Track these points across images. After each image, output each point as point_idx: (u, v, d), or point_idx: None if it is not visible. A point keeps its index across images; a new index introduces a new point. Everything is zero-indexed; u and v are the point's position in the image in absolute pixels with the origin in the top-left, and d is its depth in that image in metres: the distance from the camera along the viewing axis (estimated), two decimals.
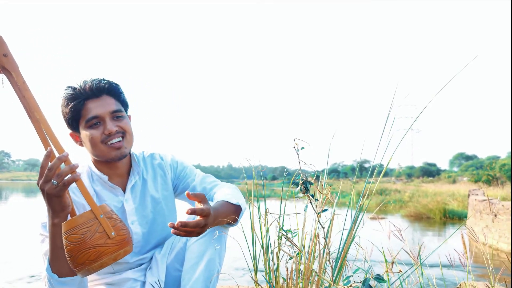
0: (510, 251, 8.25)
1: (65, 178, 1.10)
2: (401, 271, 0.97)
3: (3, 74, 1.17)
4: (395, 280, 1.27)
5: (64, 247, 1.12)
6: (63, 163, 1.11)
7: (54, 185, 1.09)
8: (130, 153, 1.47)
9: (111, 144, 1.35)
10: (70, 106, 1.34)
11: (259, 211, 1.31)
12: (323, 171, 1.33)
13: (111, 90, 1.39)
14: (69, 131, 1.42)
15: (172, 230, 1.15)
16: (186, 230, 1.15)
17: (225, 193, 1.45)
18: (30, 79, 1.19)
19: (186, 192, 1.17)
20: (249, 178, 1.45)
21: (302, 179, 1.08)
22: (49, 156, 1.12)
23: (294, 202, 1.34)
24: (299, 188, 1.10)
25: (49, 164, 1.10)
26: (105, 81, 1.39)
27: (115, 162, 1.42)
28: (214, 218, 1.25)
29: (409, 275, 1.31)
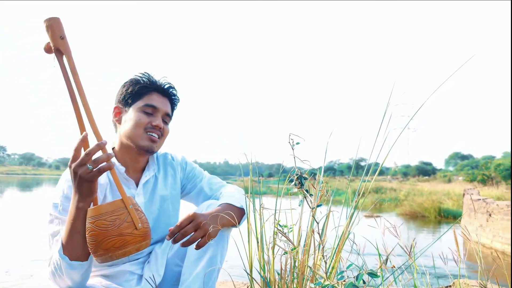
0: (503, 250, 8.31)
1: (101, 165, 1.12)
2: (394, 267, 0.98)
3: (52, 55, 1.19)
4: (389, 276, 1.29)
5: (89, 231, 1.15)
6: (100, 150, 1.14)
7: (89, 169, 1.11)
8: None
9: (150, 135, 1.42)
10: (138, 86, 1.44)
11: (254, 207, 1.32)
12: (319, 168, 1.34)
13: (174, 99, 1.53)
14: (115, 106, 1.49)
15: (172, 241, 1.25)
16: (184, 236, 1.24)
17: (229, 195, 1.50)
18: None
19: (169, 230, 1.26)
20: (246, 175, 1.46)
21: (297, 174, 1.08)
22: (83, 140, 1.15)
23: (289, 199, 1.35)
24: (293, 183, 1.10)
25: (88, 148, 1.13)
26: (173, 87, 1.52)
27: (138, 156, 1.46)
28: (211, 218, 1.30)
29: (402, 271, 1.32)
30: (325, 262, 1.05)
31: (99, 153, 1.15)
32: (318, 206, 1.08)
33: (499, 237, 8.76)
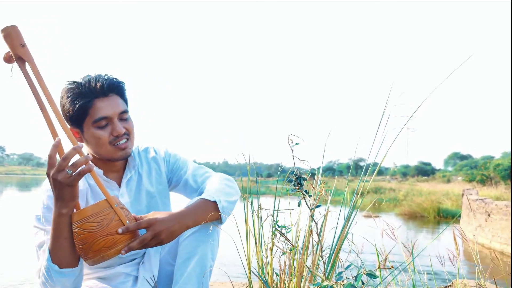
0: (502, 250, 8.31)
1: (80, 168, 1.11)
2: (392, 267, 0.98)
3: (13, 64, 1.18)
4: (387, 276, 1.29)
5: (76, 235, 1.15)
6: (77, 153, 1.13)
7: (68, 174, 1.10)
8: None
9: (118, 145, 1.35)
10: (77, 104, 1.30)
11: (252, 207, 1.31)
12: (318, 168, 1.34)
13: (119, 89, 1.37)
14: (69, 126, 1.38)
15: (126, 248, 1.18)
16: (143, 244, 1.20)
17: (208, 188, 1.42)
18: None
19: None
20: (244, 175, 1.45)
21: (295, 175, 1.08)
22: (57, 146, 1.13)
23: (288, 199, 1.35)
24: (292, 183, 1.10)
25: (64, 153, 1.11)
26: (113, 79, 1.35)
27: (114, 162, 1.41)
28: (179, 220, 1.25)
29: (400, 271, 1.32)
30: (324, 263, 1.05)
31: (76, 157, 1.14)
32: (317, 206, 1.08)
33: (498, 237, 8.78)
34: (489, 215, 9.33)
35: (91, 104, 1.31)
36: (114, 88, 1.35)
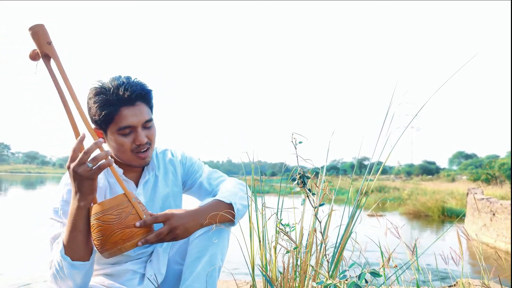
0: (507, 250, 8.28)
1: (100, 162, 1.15)
2: (396, 266, 0.98)
3: (38, 61, 1.21)
4: (391, 275, 1.28)
5: (94, 227, 1.18)
6: (97, 148, 1.17)
7: (88, 167, 1.13)
8: None
9: (138, 154, 1.37)
10: (103, 112, 1.30)
11: (256, 206, 1.32)
12: (322, 167, 1.34)
13: (146, 97, 1.37)
14: (94, 126, 1.38)
15: (143, 241, 1.21)
16: (159, 238, 1.23)
17: (223, 190, 1.46)
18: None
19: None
20: (248, 173, 1.46)
21: (299, 173, 1.08)
22: (82, 141, 1.17)
23: (292, 198, 1.35)
24: (296, 182, 1.10)
25: (85, 148, 1.14)
26: (141, 87, 1.35)
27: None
28: (195, 218, 1.29)
29: (404, 270, 1.32)
30: (328, 261, 1.05)
31: (96, 152, 1.18)
32: (320, 205, 1.08)
33: (503, 237, 8.73)
34: (494, 214, 9.29)
35: (117, 112, 1.31)
36: (141, 96, 1.34)
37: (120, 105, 1.31)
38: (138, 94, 1.33)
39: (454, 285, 2.14)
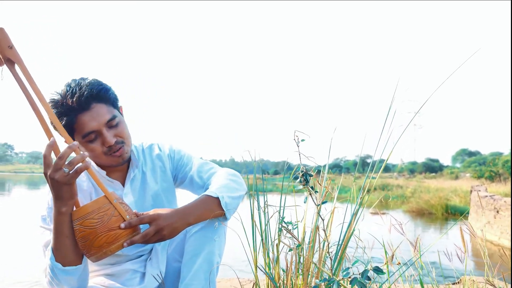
0: (510, 247, 8.25)
1: (77, 166, 1.11)
2: (399, 263, 0.97)
3: (2, 66, 1.18)
4: (395, 272, 1.28)
5: (78, 233, 1.16)
6: (72, 152, 1.12)
7: (65, 173, 1.10)
8: None
9: (113, 154, 1.34)
10: (62, 122, 1.27)
11: (258, 204, 1.31)
12: (324, 165, 1.34)
13: (100, 96, 1.30)
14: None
15: (128, 242, 1.19)
16: (145, 239, 1.20)
17: (213, 184, 1.41)
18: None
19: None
20: (251, 172, 1.45)
21: (302, 171, 1.08)
22: (52, 146, 1.12)
23: (294, 196, 1.34)
24: (298, 180, 1.10)
25: (60, 152, 1.11)
26: (91, 88, 1.28)
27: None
28: (182, 217, 1.25)
29: (408, 267, 1.31)
30: (331, 259, 1.05)
31: (72, 155, 1.14)
32: (323, 203, 1.08)
33: (507, 234, 8.70)
34: (497, 211, 9.25)
35: (74, 120, 1.27)
36: (93, 98, 1.28)
37: (74, 113, 1.26)
38: (90, 97, 1.27)
39: (458, 282, 2.13)
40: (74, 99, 1.26)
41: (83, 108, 1.27)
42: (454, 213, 14.05)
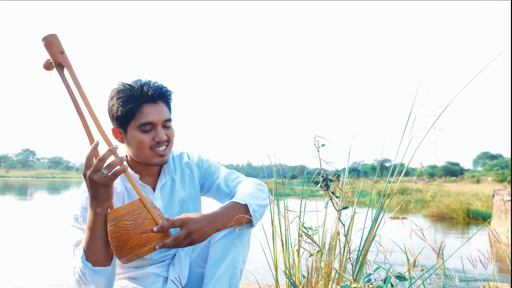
0: (510, 247, 8.02)
1: (115, 169, 1.16)
2: (422, 270, 0.96)
3: (52, 71, 1.24)
4: (417, 279, 1.26)
5: (111, 234, 1.19)
6: (112, 155, 1.18)
7: (104, 174, 1.14)
8: None
9: (157, 151, 1.38)
10: (127, 106, 1.34)
11: (278, 209, 1.32)
12: (343, 170, 1.33)
13: (166, 97, 1.41)
14: (112, 127, 1.43)
15: (158, 245, 1.21)
16: (176, 243, 1.23)
17: (240, 192, 1.45)
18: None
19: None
20: (269, 176, 1.45)
21: (322, 176, 1.08)
22: (96, 148, 1.18)
23: (314, 201, 1.34)
24: (319, 185, 1.10)
25: (100, 155, 1.16)
26: (161, 87, 1.39)
27: (150, 166, 1.45)
28: (211, 222, 1.28)
29: (431, 274, 1.29)
30: (352, 264, 1.04)
31: (111, 158, 1.19)
32: (344, 208, 1.07)
33: None
34: None
35: (139, 108, 1.35)
36: (163, 96, 1.39)
37: (142, 101, 1.35)
38: (160, 93, 1.38)
39: None
40: (148, 90, 1.36)
41: (151, 100, 1.36)
42: (476, 218, 13.75)
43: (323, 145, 1.10)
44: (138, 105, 1.34)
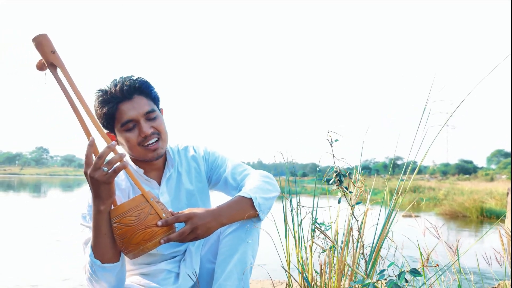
0: (510, 246, 7.89)
1: (115, 166, 1.15)
2: (437, 266, 0.96)
3: (46, 71, 1.24)
4: (431, 276, 1.26)
5: (116, 230, 1.20)
6: (111, 152, 1.17)
7: (104, 172, 1.14)
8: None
9: (147, 145, 1.38)
10: (104, 111, 1.36)
11: (291, 205, 1.32)
12: (356, 166, 1.33)
13: (142, 89, 1.39)
14: (106, 130, 1.43)
15: (165, 239, 1.21)
16: (181, 237, 1.22)
17: (246, 185, 1.43)
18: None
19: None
20: (280, 174, 1.45)
21: (335, 171, 1.08)
22: (92, 145, 1.17)
23: (327, 197, 1.34)
24: (332, 180, 1.10)
25: (99, 152, 1.15)
26: (135, 81, 1.38)
27: (151, 161, 1.45)
28: (216, 217, 1.27)
29: (445, 271, 1.29)
30: (365, 260, 1.04)
31: (111, 155, 1.18)
32: (357, 203, 1.08)
33: None
34: None
35: (115, 108, 1.35)
36: (135, 89, 1.37)
37: (116, 101, 1.35)
38: (132, 88, 1.36)
39: (496, 287, 2.06)
40: (117, 88, 1.35)
41: (125, 97, 1.36)
42: (489, 216, 13.56)
43: (336, 140, 1.10)
44: (114, 106, 1.35)
